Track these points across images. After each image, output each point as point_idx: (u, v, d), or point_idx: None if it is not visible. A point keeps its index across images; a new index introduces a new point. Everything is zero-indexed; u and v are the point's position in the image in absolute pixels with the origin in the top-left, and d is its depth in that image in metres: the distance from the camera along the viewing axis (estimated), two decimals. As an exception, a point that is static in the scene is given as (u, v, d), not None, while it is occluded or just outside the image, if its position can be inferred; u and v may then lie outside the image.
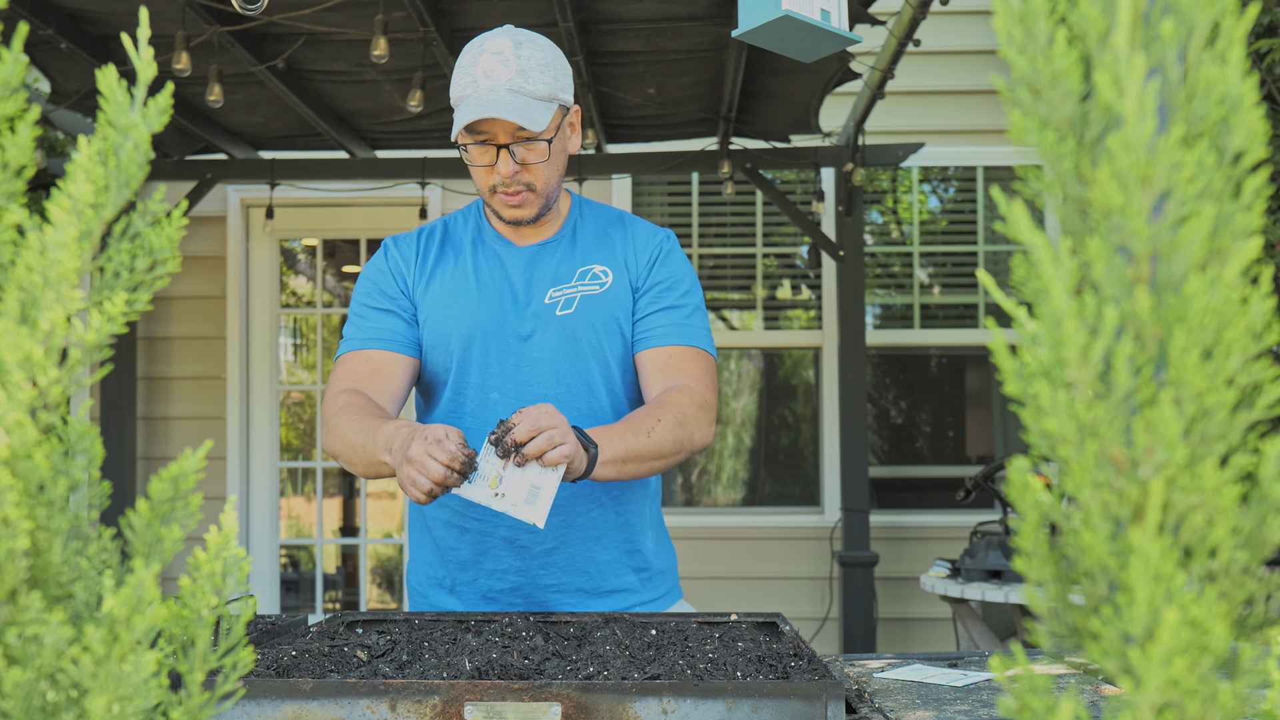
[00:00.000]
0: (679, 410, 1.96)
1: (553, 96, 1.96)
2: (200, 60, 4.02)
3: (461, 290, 2.07)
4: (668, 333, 2.07)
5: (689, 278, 2.14)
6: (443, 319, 2.06)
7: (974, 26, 5.71)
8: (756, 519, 5.81)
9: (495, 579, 2.07)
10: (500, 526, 2.05)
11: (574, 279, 2.08)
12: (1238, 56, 0.64)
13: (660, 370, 2.06)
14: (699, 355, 2.08)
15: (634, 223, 2.17)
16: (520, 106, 1.91)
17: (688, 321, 2.09)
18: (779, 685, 1.24)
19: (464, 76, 1.96)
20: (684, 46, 4.18)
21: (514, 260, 2.10)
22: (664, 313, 2.08)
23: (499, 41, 1.96)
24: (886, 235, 6.07)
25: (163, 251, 0.77)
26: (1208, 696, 0.60)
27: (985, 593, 3.99)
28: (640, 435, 1.90)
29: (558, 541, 2.05)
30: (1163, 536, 0.61)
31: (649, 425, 1.91)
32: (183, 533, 0.76)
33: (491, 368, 2.05)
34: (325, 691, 1.25)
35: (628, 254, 2.11)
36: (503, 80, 1.92)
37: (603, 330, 2.06)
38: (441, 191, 5.79)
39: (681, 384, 2.03)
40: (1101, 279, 0.64)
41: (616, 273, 2.09)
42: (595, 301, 2.06)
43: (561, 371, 2.04)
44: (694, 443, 1.98)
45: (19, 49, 0.74)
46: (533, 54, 1.95)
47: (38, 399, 0.70)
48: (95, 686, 0.67)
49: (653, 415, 1.94)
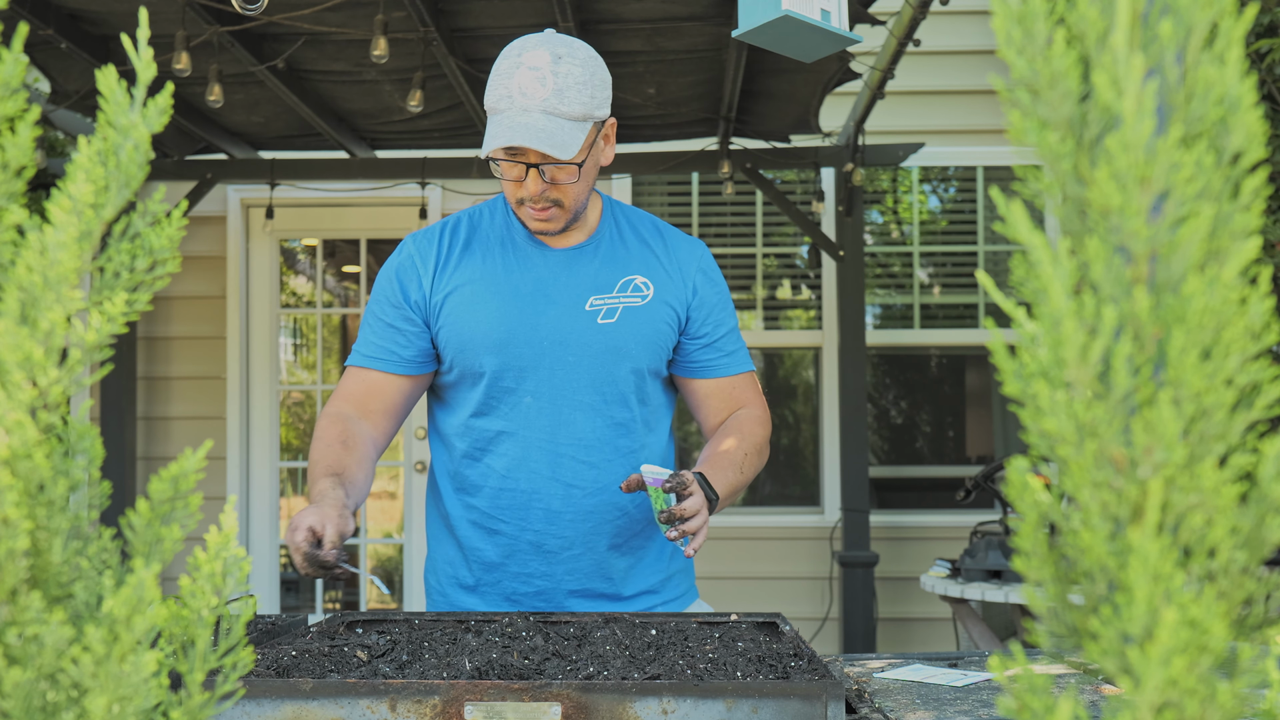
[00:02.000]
0: (756, 441, 2.14)
1: (588, 115, 1.94)
2: (200, 60, 4.02)
3: (492, 291, 2.05)
4: (729, 363, 2.16)
5: (726, 291, 2.20)
6: (472, 320, 2.04)
7: (974, 26, 5.71)
8: (756, 519, 5.81)
9: (520, 582, 2.09)
10: (528, 530, 2.06)
11: (616, 289, 2.07)
12: (1236, 57, 0.65)
13: (725, 401, 2.17)
14: (751, 379, 2.21)
15: (670, 233, 2.17)
16: (553, 133, 1.89)
17: (739, 346, 2.19)
18: (779, 685, 1.24)
19: (499, 88, 1.93)
20: (684, 46, 4.18)
21: (548, 263, 2.08)
22: (721, 341, 2.15)
23: (538, 55, 1.92)
24: (886, 235, 6.07)
25: (163, 251, 0.77)
26: (1207, 696, 0.60)
27: (985, 593, 3.99)
28: (736, 471, 2.06)
29: (585, 548, 2.07)
30: (1162, 536, 0.62)
31: (740, 460, 2.08)
32: (183, 533, 0.76)
33: (526, 371, 2.04)
34: (325, 691, 1.25)
35: (670, 268, 2.11)
36: (537, 100, 1.89)
37: (644, 343, 2.07)
38: (441, 191, 5.79)
39: (751, 411, 2.18)
40: (1100, 279, 0.64)
41: (658, 286, 2.09)
42: (638, 314, 2.07)
43: (599, 380, 2.05)
44: (764, 463, 2.19)
45: (19, 49, 0.75)
46: (571, 70, 1.92)
47: (38, 399, 0.70)
48: (95, 686, 0.67)
49: (741, 449, 2.09)
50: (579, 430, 2.05)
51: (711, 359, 2.14)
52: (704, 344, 2.13)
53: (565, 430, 2.05)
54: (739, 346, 2.19)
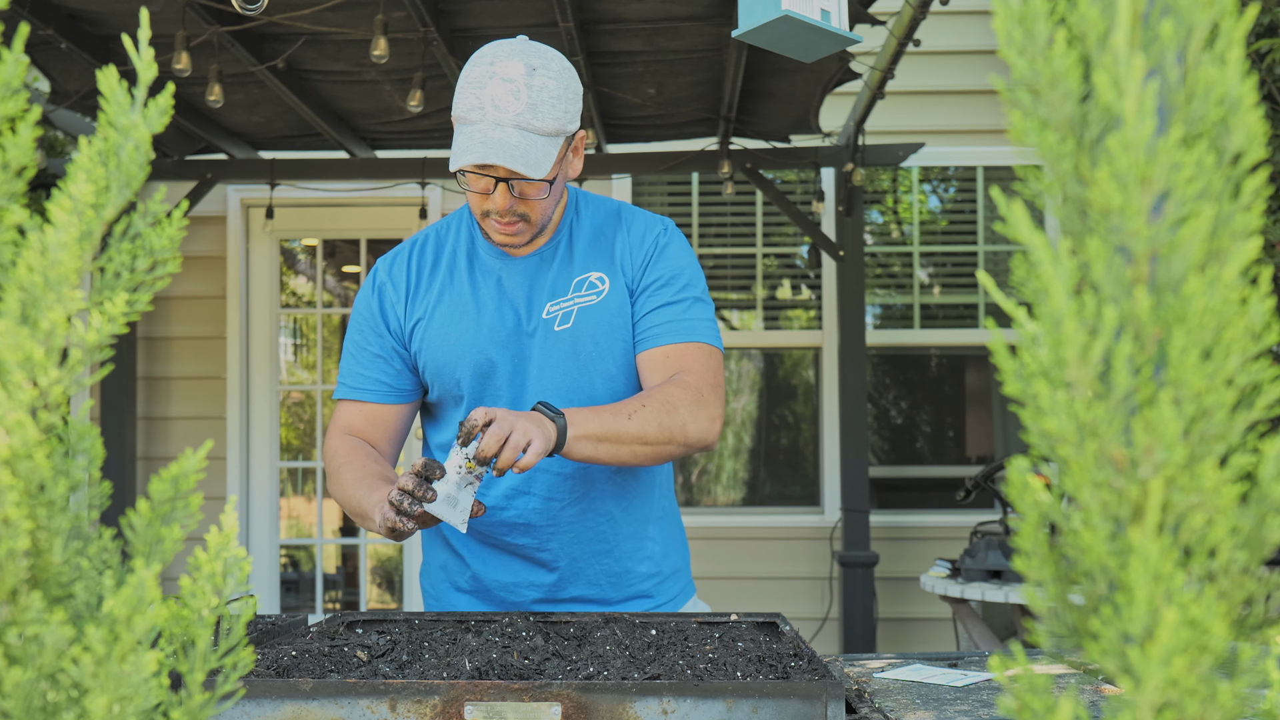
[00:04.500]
0: (667, 398, 1.90)
1: (560, 131, 1.88)
2: (200, 60, 4.02)
3: (462, 314, 2.01)
4: (665, 330, 2.00)
5: (689, 269, 2.05)
6: (446, 346, 2.01)
7: (974, 26, 5.71)
8: (756, 519, 5.81)
9: (509, 592, 2.08)
10: (515, 544, 2.06)
11: (570, 291, 2.01)
12: (1237, 57, 0.65)
13: (659, 370, 1.99)
14: (700, 349, 2.00)
15: (631, 216, 2.08)
16: (526, 150, 1.83)
17: (686, 315, 2.01)
18: (779, 685, 1.24)
19: (470, 97, 1.86)
20: (684, 46, 4.18)
21: (510, 275, 2.02)
22: (661, 310, 2.01)
23: (512, 65, 1.86)
24: (886, 235, 6.07)
25: (163, 252, 0.77)
26: (1207, 696, 0.60)
27: (985, 593, 3.99)
28: (620, 416, 1.85)
29: (569, 559, 2.05)
30: (1162, 536, 0.62)
31: (631, 408, 1.87)
32: (183, 533, 0.76)
33: (500, 390, 2.00)
34: (325, 691, 1.25)
35: (624, 254, 2.04)
36: (510, 114, 1.83)
37: (603, 341, 2.00)
38: (441, 191, 5.79)
39: (678, 378, 1.96)
40: (1101, 279, 0.64)
41: (613, 277, 2.02)
42: (593, 312, 2.00)
43: (564, 388, 1.99)
44: (687, 434, 1.90)
45: (19, 49, 0.75)
46: (545, 83, 1.86)
47: (38, 399, 0.70)
48: (95, 686, 0.67)
49: (637, 400, 1.89)
50: None
51: (648, 329, 2.01)
52: (640, 315, 2.02)
53: None
54: (689, 317, 2.01)
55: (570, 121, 1.91)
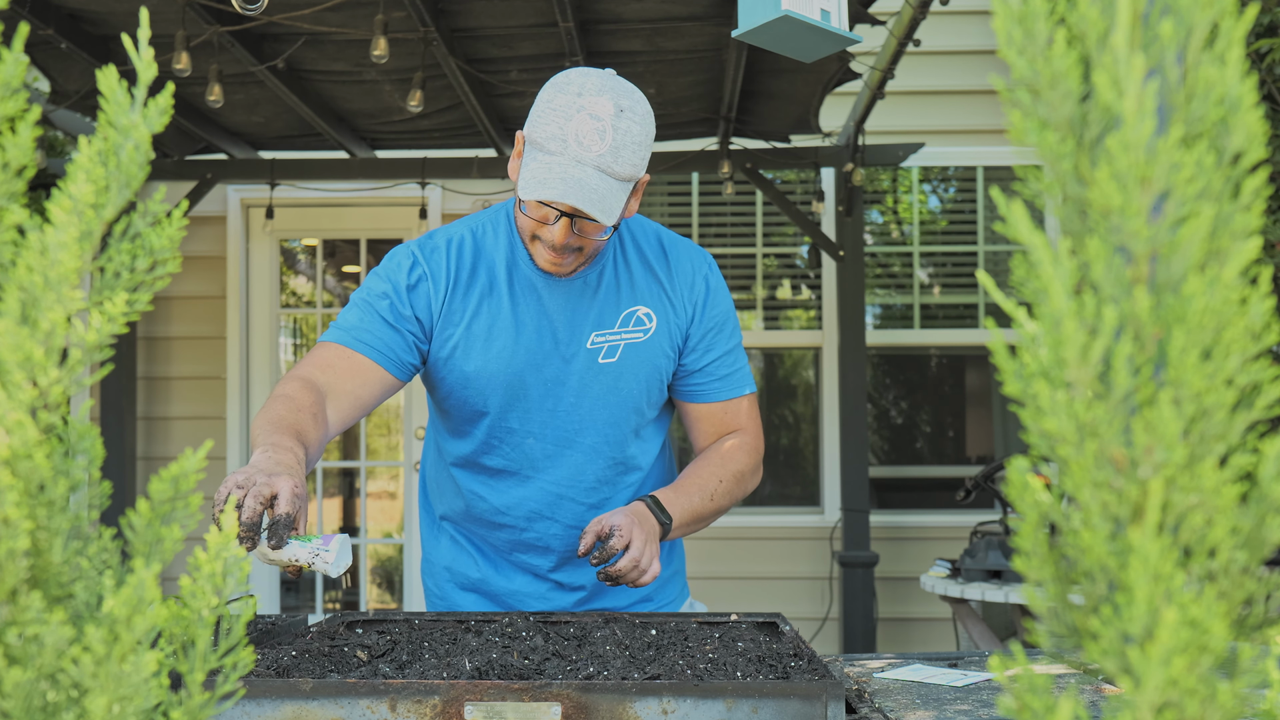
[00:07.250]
0: (739, 471, 2.06)
1: (634, 176, 1.84)
2: (200, 60, 4.02)
3: (500, 331, 1.96)
4: (720, 387, 2.07)
5: (730, 310, 2.09)
6: (482, 361, 1.96)
7: (974, 26, 5.71)
8: (756, 519, 5.80)
9: (518, 601, 2.09)
10: (526, 561, 2.07)
11: (618, 324, 1.99)
12: (1237, 57, 0.65)
13: (716, 425, 2.10)
14: (748, 401, 2.11)
15: (674, 248, 2.06)
16: (604, 195, 1.79)
17: (736, 367, 2.08)
18: (779, 685, 1.24)
19: (553, 126, 1.79)
20: (684, 46, 4.18)
21: (553, 296, 1.97)
22: (714, 365, 2.05)
23: (601, 103, 1.80)
24: (886, 235, 6.07)
25: (163, 252, 0.77)
26: (1207, 696, 0.60)
27: (985, 593, 3.99)
28: (704, 499, 1.99)
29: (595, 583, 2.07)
30: (1162, 536, 0.62)
31: (712, 487, 2.00)
32: (183, 533, 0.76)
33: (532, 413, 1.98)
34: (325, 691, 1.25)
35: (672, 290, 2.02)
36: (593, 154, 1.78)
37: (645, 380, 2.01)
38: (441, 191, 5.79)
39: (739, 439, 2.09)
40: (1101, 279, 0.64)
41: (660, 314, 2.01)
42: (639, 350, 1.99)
43: (600, 420, 1.99)
44: (746, 494, 2.11)
45: (19, 49, 0.75)
46: (630, 127, 1.81)
47: (38, 399, 0.70)
48: (95, 686, 0.67)
49: (715, 476, 2.02)
50: (581, 472, 2.01)
51: (704, 384, 2.06)
52: (699, 367, 2.05)
53: (567, 472, 2.01)
54: (737, 368, 2.08)
55: (644, 167, 1.87)
